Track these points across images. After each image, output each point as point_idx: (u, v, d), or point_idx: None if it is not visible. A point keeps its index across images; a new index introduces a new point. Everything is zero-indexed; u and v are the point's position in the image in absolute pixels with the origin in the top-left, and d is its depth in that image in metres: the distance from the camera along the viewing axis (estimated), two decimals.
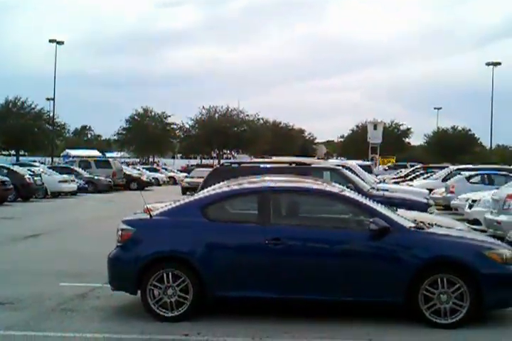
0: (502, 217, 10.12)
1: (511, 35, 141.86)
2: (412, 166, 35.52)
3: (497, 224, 10.17)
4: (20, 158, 47.73)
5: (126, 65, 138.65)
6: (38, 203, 20.27)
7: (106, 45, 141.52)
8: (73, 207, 19.67)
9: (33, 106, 49.23)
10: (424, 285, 5.21)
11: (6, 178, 19.08)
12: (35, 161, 39.81)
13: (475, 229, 9.90)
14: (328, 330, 5.07)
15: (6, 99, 48.62)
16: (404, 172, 32.10)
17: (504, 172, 18.65)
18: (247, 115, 59.60)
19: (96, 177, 27.68)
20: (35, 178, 21.38)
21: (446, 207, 17.18)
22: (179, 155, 75.18)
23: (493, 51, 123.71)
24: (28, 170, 22.75)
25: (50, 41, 41.79)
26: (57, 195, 23.36)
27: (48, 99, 47.81)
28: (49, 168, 27.90)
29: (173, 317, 5.34)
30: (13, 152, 50.63)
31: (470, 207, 13.06)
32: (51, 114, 47.15)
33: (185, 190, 26.01)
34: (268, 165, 10.34)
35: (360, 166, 16.45)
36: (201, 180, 25.66)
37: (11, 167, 22.11)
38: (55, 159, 46.60)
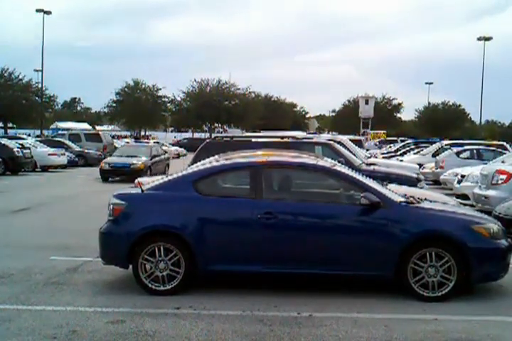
0: (490, 192, 10.21)
1: (503, 10, 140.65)
2: (402, 141, 35.59)
3: (485, 199, 10.27)
4: (9, 131, 47.07)
5: (116, 37, 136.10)
6: (27, 177, 20.09)
7: (95, 17, 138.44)
8: (63, 180, 19.53)
9: (20, 77, 48.25)
10: (413, 258, 5.27)
11: None
12: (24, 134, 39.31)
13: (463, 204, 9.98)
14: (318, 304, 5.12)
15: None
16: (395, 147, 32.18)
17: (493, 148, 18.78)
18: (239, 88, 59.01)
19: (86, 151, 27.43)
20: (24, 151, 21.12)
21: (436, 182, 17.29)
22: (171, 129, 74.59)
23: (485, 26, 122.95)
24: (17, 143, 22.45)
25: (38, 11, 40.66)
26: (46, 168, 23.15)
27: (36, 71, 46.91)
28: (39, 141, 27.56)
29: (165, 290, 5.36)
30: (0, 124, 49.84)
31: (459, 182, 13.16)
32: (39, 86, 46.30)
33: (105, 175, 18.52)
34: (260, 140, 10.28)
35: (352, 141, 16.43)
36: (133, 161, 20.40)
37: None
38: (44, 132, 46.00)
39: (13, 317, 4.69)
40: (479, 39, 45.57)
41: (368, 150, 25.32)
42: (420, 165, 18.00)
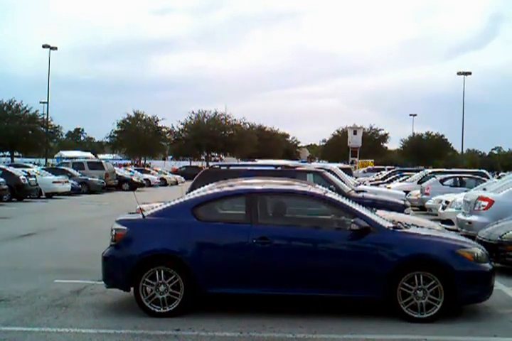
0: (473, 218, 10.27)
1: (481, 47, 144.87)
2: (389, 170, 35.86)
3: (468, 224, 10.32)
4: (15, 159, 47.07)
5: (118, 71, 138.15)
6: (32, 203, 19.99)
7: (98, 52, 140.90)
8: (67, 207, 19.43)
9: (27, 108, 48.63)
10: (402, 281, 5.27)
11: (1, 179, 18.83)
12: (30, 163, 39.35)
13: (448, 229, 10.02)
14: (312, 325, 5.09)
15: (1, 102, 47.88)
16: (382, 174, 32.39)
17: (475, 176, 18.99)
18: (234, 119, 59.77)
19: (89, 178, 27.40)
20: (30, 179, 21.08)
21: (421, 208, 17.38)
22: (170, 158, 74.79)
23: (465, 61, 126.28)
24: (23, 171, 22.43)
25: (44, 47, 41.22)
26: (51, 195, 23.07)
27: (41, 103, 47.28)
28: (43, 169, 27.52)
29: (165, 312, 5.32)
30: (7, 153, 49.91)
31: (443, 208, 13.25)
32: (45, 117, 46.60)
33: None
34: (255, 168, 10.36)
35: (341, 169, 16.55)
36: None
37: (6, 168, 21.78)
38: (49, 160, 46.05)
39: (18, 339, 4.63)
40: (459, 74, 46.64)
41: (356, 177, 25.48)
42: (406, 192, 18.13)
